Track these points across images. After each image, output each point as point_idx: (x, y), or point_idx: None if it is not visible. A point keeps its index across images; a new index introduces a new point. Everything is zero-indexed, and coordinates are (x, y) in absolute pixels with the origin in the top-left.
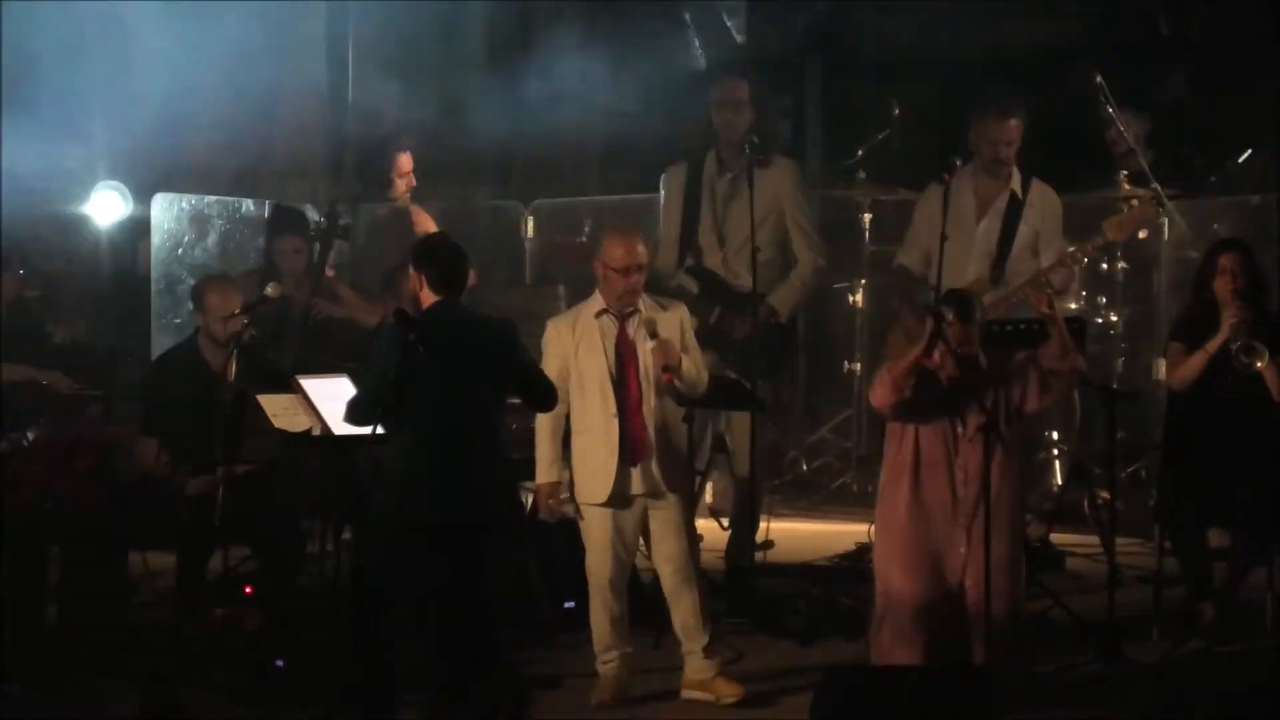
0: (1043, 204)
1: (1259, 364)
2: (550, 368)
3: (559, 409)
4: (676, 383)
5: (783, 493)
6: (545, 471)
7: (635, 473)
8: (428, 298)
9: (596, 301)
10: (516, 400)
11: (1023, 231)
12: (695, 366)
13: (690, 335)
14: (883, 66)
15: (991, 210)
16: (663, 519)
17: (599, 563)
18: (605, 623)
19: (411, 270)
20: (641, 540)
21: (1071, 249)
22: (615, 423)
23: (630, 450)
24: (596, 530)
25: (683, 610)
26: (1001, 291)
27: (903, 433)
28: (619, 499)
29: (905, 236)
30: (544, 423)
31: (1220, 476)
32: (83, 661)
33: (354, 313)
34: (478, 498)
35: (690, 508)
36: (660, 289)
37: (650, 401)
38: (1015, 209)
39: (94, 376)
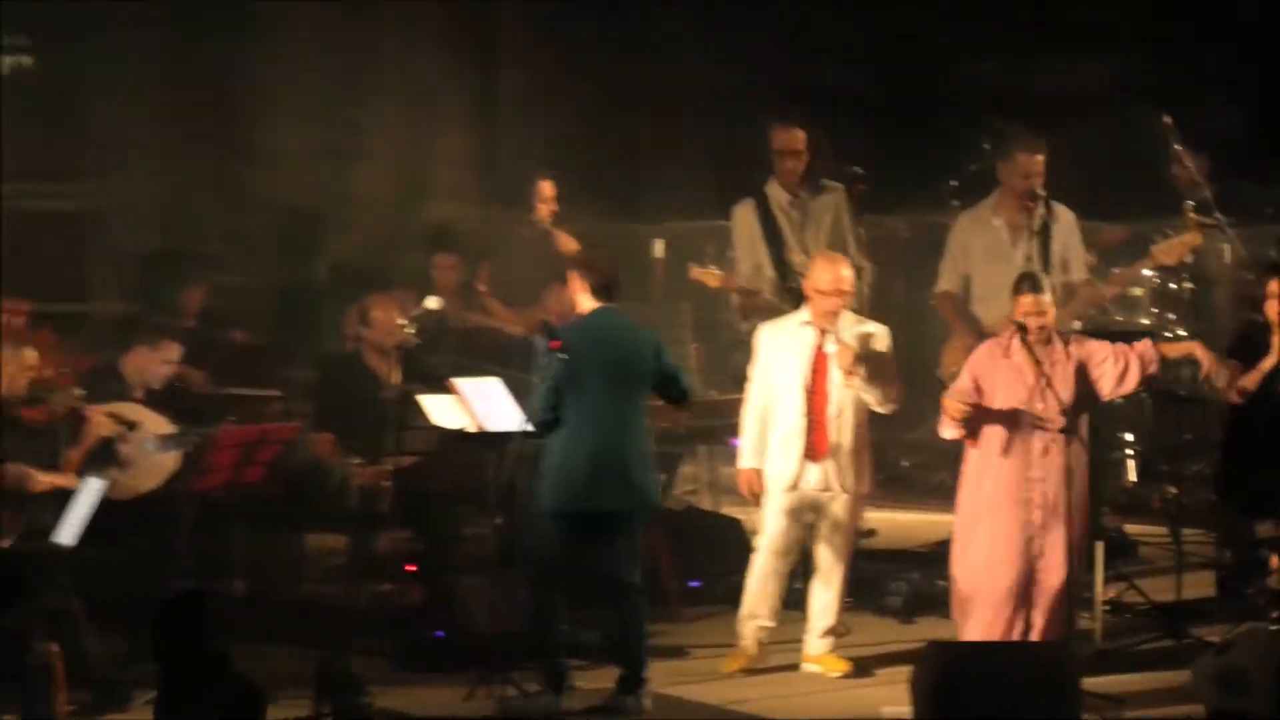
0: (1065, 223)
1: None
2: (756, 364)
3: (762, 401)
4: (855, 385)
5: (884, 486)
6: (749, 458)
7: (815, 468)
8: (587, 304)
9: (804, 314)
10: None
11: (1055, 250)
12: (880, 377)
13: (880, 349)
14: (971, 104)
15: (1025, 236)
16: (830, 512)
17: (774, 537)
18: (760, 589)
19: (571, 278)
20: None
21: (1121, 270)
22: (804, 422)
23: (813, 449)
24: (775, 509)
25: (826, 595)
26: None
27: (986, 449)
28: (798, 488)
29: (941, 266)
30: (750, 417)
31: (1270, 476)
32: (265, 630)
33: (502, 323)
34: (633, 486)
35: (857, 506)
36: (761, 308)
37: (834, 407)
38: (1046, 232)
39: (274, 378)
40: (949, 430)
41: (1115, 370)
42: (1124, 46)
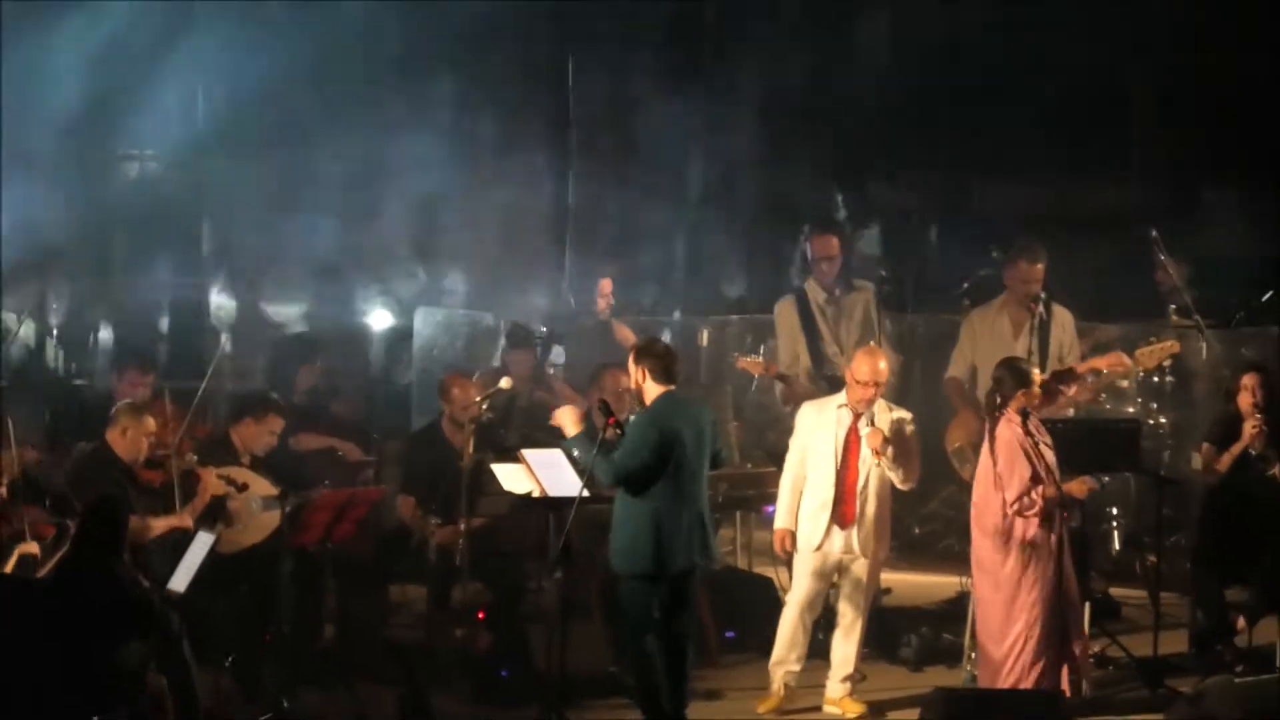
0: (1062, 320)
1: (1274, 470)
2: (796, 438)
3: (799, 472)
4: (883, 464)
5: (899, 551)
6: (783, 519)
7: (841, 534)
8: (652, 389)
9: (841, 397)
10: None
11: (1052, 345)
12: (905, 458)
13: (906, 433)
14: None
15: (1026, 331)
16: (853, 573)
17: (802, 590)
18: (789, 638)
19: (632, 366)
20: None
21: (1104, 369)
22: (834, 493)
23: (842, 517)
24: (804, 568)
25: (846, 646)
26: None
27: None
28: (825, 549)
29: (952, 354)
30: (787, 484)
31: (1240, 547)
32: (353, 669)
33: (565, 401)
34: (700, 550)
35: (877, 569)
36: (799, 394)
37: (862, 481)
38: (1045, 328)
39: (366, 447)
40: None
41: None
42: (1122, 176)
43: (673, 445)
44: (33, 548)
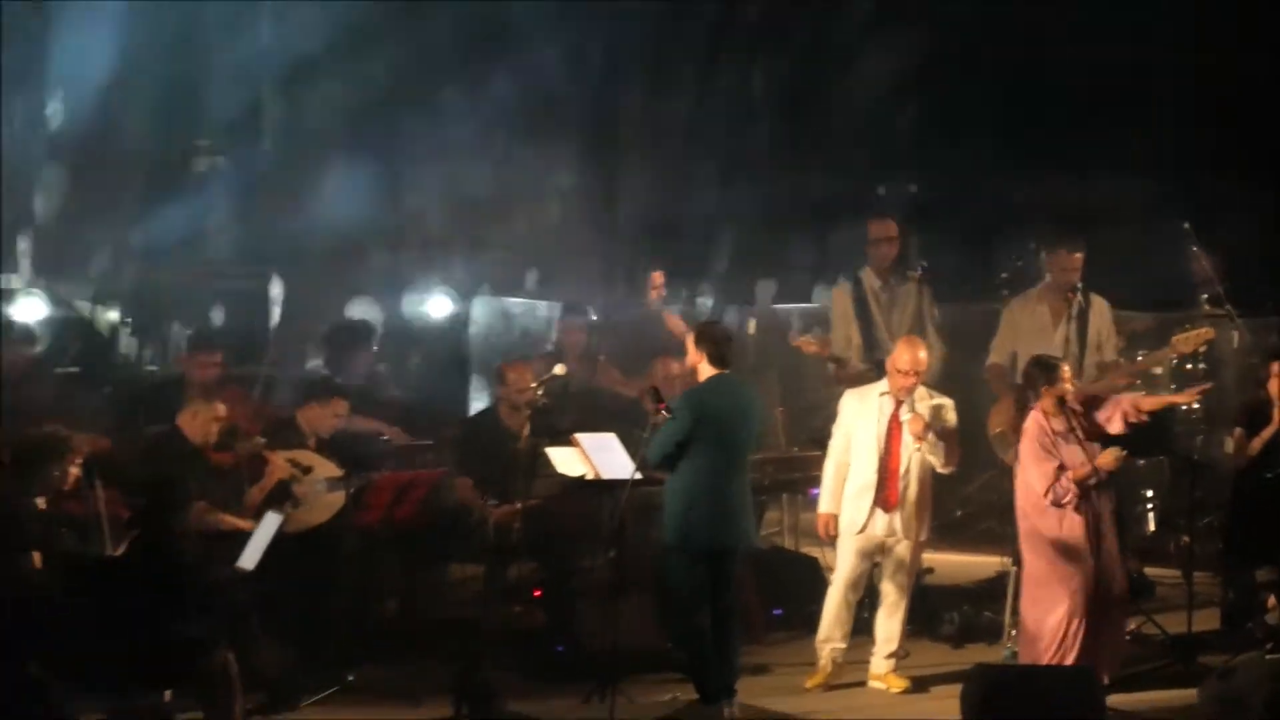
0: (1100, 309)
1: None
2: (839, 424)
3: (842, 458)
4: (923, 449)
5: (940, 532)
6: (827, 504)
7: (884, 517)
8: (705, 370)
9: (883, 385)
10: None
11: (1090, 334)
12: (945, 443)
13: (946, 420)
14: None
15: (1065, 320)
16: (895, 554)
17: (846, 571)
18: (834, 616)
19: (692, 347)
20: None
21: (1143, 356)
22: (876, 478)
23: (884, 500)
24: (848, 549)
25: (890, 624)
26: (1095, 384)
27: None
28: (868, 532)
29: (993, 342)
30: (830, 469)
31: (1270, 528)
32: (413, 644)
33: (617, 387)
34: (742, 527)
35: (918, 550)
36: (850, 375)
37: (903, 466)
38: (1083, 317)
39: (425, 431)
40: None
41: (1103, 416)
42: (1155, 170)
43: (712, 425)
44: None
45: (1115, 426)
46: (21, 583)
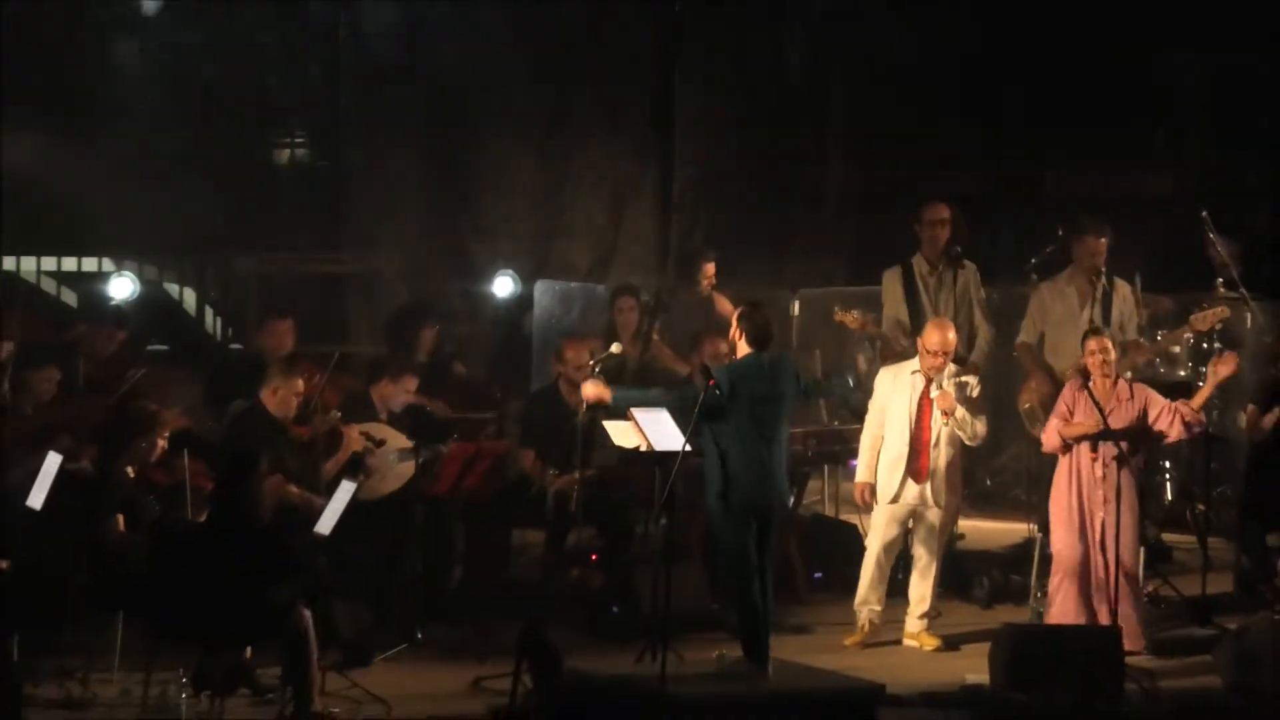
0: (1123, 293)
1: None
2: (875, 400)
3: (877, 431)
4: (951, 423)
5: (971, 500)
6: (864, 474)
7: (915, 487)
8: (742, 348)
9: (915, 363)
10: None
11: (1114, 314)
12: (972, 417)
13: (973, 395)
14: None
15: (1090, 302)
16: (926, 521)
17: (880, 537)
18: (871, 579)
19: (734, 326)
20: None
21: (1163, 335)
22: (908, 449)
23: (916, 472)
24: (882, 517)
25: (923, 586)
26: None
27: (1068, 459)
28: (901, 501)
29: (1023, 323)
30: (866, 441)
31: None
32: (479, 605)
33: (670, 364)
34: (778, 490)
35: (949, 518)
36: (895, 352)
37: (933, 439)
38: (1107, 299)
39: (490, 405)
40: (1051, 442)
41: (1163, 423)
42: (1173, 161)
43: (744, 398)
44: None
45: (1175, 433)
46: (105, 543)
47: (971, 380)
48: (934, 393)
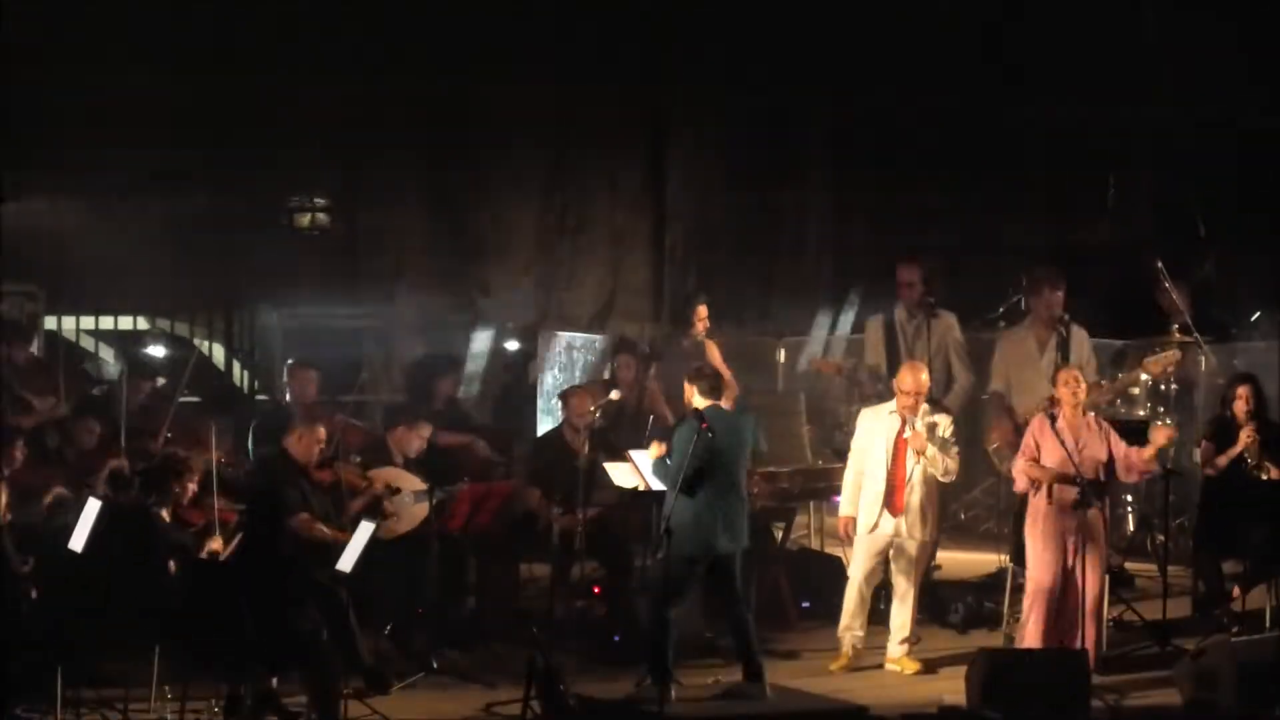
0: (1080, 338)
1: (1266, 475)
2: (856, 439)
3: (858, 468)
4: (923, 460)
5: (946, 532)
6: (845, 508)
7: (892, 520)
8: (699, 402)
9: (892, 404)
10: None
11: (1073, 358)
12: (945, 455)
13: (946, 433)
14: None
15: (1048, 349)
16: (905, 553)
17: (860, 567)
18: (853, 607)
19: (687, 385)
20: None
21: (1120, 377)
22: (884, 486)
23: (892, 506)
24: (863, 548)
25: (903, 614)
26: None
27: (1037, 495)
28: (879, 532)
29: (991, 370)
30: (848, 478)
31: (1233, 527)
32: (490, 633)
33: (662, 409)
34: (739, 534)
35: (926, 550)
36: (869, 396)
37: (909, 476)
38: (1064, 346)
39: (499, 447)
40: (1020, 484)
41: (1121, 466)
42: (1128, 212)
43: (705, 448)
44: (217, 544)
45: (1132, 477)
46: (161, 589)
47: (943, 421)
48: (908, 433)
